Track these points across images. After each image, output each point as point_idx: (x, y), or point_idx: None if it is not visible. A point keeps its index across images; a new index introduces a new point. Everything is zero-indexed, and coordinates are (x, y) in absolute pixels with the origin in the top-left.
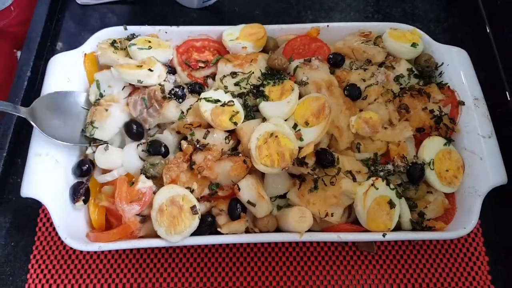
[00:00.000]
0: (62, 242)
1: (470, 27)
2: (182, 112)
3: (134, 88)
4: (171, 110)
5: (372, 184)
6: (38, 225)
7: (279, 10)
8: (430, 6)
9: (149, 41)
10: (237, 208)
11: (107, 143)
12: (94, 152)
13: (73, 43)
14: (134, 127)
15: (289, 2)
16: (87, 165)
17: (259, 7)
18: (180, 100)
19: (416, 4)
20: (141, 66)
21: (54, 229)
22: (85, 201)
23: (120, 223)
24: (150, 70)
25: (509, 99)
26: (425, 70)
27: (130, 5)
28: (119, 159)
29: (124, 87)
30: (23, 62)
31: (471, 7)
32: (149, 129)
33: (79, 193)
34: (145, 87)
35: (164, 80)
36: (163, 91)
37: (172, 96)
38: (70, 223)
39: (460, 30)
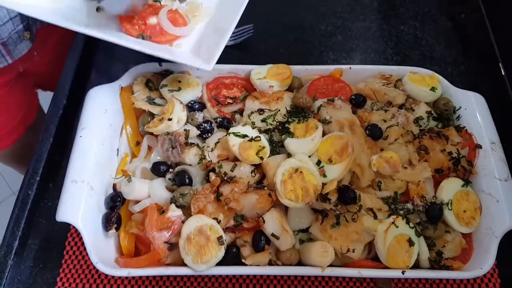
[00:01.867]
0: (88, 266)
1: (486, 70)
2: (202, 158)
3: None
4: (190, 157)
5: (393, 222)
6: (66, 248)
7: (302, 50)
8: (447, 49)
9: (179, 81)
10: (261, 241)
11: (129, 176)
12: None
13: (108, 77)
14: (161, 168)
15: (312, 43)
16: (119, 199)
17: (283, 46)
18: (209, 134)
19: (433, 48)
20: (162, 118)
21: (81, 253)
22: (117, 229)
23: (149, 250)
24: (169, 119)
25: None
26: (444, 113)
27: None
28: (143, 189)
29: None
30: (58, 92)
31: (487, 52)
32: (175, 164)
33: (111, 221)
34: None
35: (186, 123)
36: (186, 137)
37: (201, 131)
38: (101, 248)
39: (476, 73)
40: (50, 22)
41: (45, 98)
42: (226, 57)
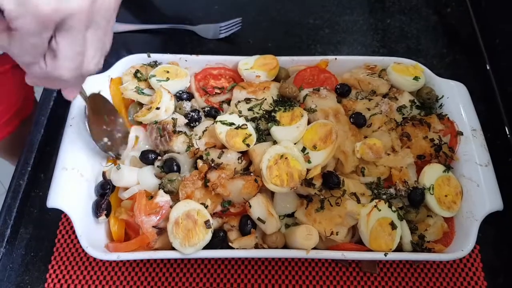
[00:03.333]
0: (79, 253)
1: (471, 64)
2: (190, 146)
3: None
4: (178, 145)
5: (375, 206)
6: (57, 237)
7: (290, 43)
8: (432, 42)
9: (168, 71)
10: (247, 225)
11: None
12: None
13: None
14: (150, 156)
15: (300, 36)
16: (108, 186)
17: (271, 40)
18: (196, 123)
19: (419, 41)
20: (150, 107)
21: (72, 241)
22: (107, 215)
23: (138, 235)
24: (157, 108)
25: (507, 131)
26: (426, 102)
27: (151, 34)
28: (132, 177)
29: None
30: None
31: (471, 45)
32: (163, 152)
33: (101, 208)
34: None
35: (174, 112)
36: (174, 125)
37: (189, 120)
38: (91, 234)
39: (461, 66)
40: None
41: (40, 90)
42: (215, 49)
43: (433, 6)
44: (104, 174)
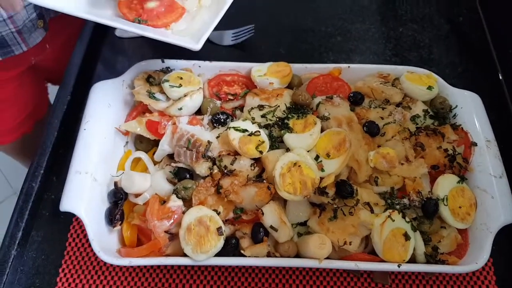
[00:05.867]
0: (90, 257)
1: (483, 73)
2: (211, 170)
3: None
4: (201, 170)
5: (389, 216)
6: (68, 240)
7: (303, 50)
8: (445, 51)
9: (181, 77)
10: (260, 232)
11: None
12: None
13: (112, 72)
14: (186, 175)
15: (312, 44)
16: (121, 195)
17: (283, 46)
18: (220, 126)
19: (432, 49)
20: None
21: (83, 245)
22: (121, 223)
23: (149, 241)
24: (185, 95)
25: None
26: (440, 112)
27: None
28: (143, 182)
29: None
30: (63, 87)
31: (484, 54)
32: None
33: (116, 218)
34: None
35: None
36: (206, 149)
37: (214, 122)
38: (103, 238)
39: (474, 75)
40: (45, 6)
41: (54, 92)
42: (228, 56)
43: (445, 15)
44: (115, 183)
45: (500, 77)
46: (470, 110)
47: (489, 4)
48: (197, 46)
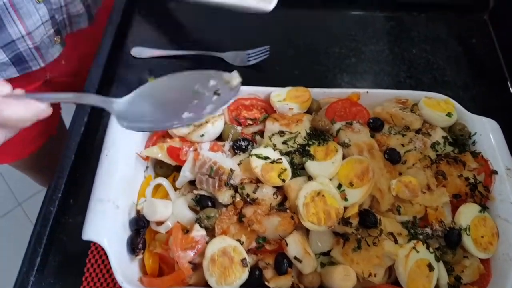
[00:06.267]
0: (108, 284)
1: (497, 95)
2: (233, 198)
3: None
4: (224, 198)
5: (414, 247)
6: (87, 265)
7: (317, 71)
8: (458, 73)
9: None
10: (284, 263)
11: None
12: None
13: (128, 92)
14: (208, 202)
15: (326, 65)
16: (143, 223)
17: (298, 68)
18: (241, 152)
19: (445, 71)
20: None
21: (101, 270)
22: (143, 252)
23: (171, 270)
24: (206, 122)
25: None
26: (459, 139)
27: (179, 60)
28: (165, 210)
29: None
30: (81, 108)
31: (497, 76)
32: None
33: (138, 247)
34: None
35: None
36: (229, 177)
37: (235, 148)
38: (125, 267)
39: (487, 97)
40: None
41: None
42: (244, 77)
43: (457, 36)
44: (138, 211)
45: None
46: (489, 138)
47: (501, 26)
48: (269, 6)
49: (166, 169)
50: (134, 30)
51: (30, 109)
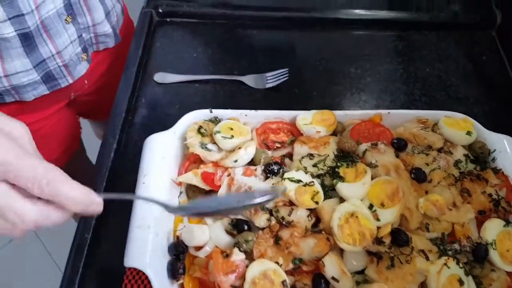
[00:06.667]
0: None
1: (508, 109)
2: (269, 222)
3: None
4: (260, 222)
5: (445, 264)
6: None
7: (335, 92)
8: (470, 90)
9: (232, 128)
10: (322, 284)
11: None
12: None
13: (151, 118)
14: (245, 226)
15: (343, 85)
16: (182, 248)
17: (316, 89)
18: (273, 176)
19: (458, 89)
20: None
21: None
22: (183, 277)
23: None
24: (239, 148)
25: None
26: (480, 156)
27: (202, 84)
28: (203, 235)
29: None
30: (109, 133)
31: (507, 90)
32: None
33: (179, 272)
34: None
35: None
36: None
37: (267, 172)
38: None
39: (499, 113)
40: None
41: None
42: (265, 98)
43: (468, 54)
44: (177, 237)
45: None
46: (507, 154)
47: (509, 41)
48: None
49: (198, 194)
50: (156, 56)
51: (85, 194)
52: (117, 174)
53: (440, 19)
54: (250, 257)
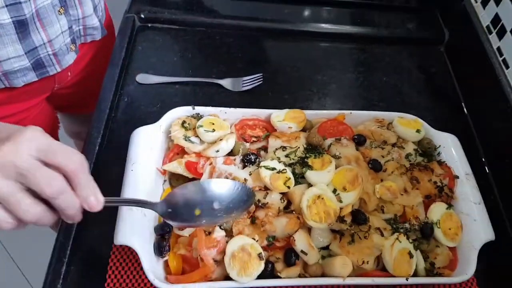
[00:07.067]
0: (133, 284)
1: (454, 115)
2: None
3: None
4: None
5: (397, 238)
6: (108, 273)
7: (304, 95)
8: (421, 97)
9: (213, 123)
10: (292, 257)
11: None
12: None
13: (134, 116)
14: None
15: (312, 90)
16: (167, 227)
17: (288, 93)
18: (251, 164)
19: (411, 95)
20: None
21: (122, 276)
22: (169, 254)
23: (194, 268)
24: (220, 139)
25: (489, 174)
26: (427, 151)
27: (182, 86)
28: None
29: None
30: (93, 129)
31: (453, 98)
32: None
33: (165, 250)
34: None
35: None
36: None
37: (246, 161)
38: (153, 269)
39: (447, 118)
40: None
41: None
42: (242, 100)
43: (420, 66)
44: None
45: (469, 121)
46: (450, 149)
47: (455, 56)
48: None
49: (182, 181)
50: (138, 58)
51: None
52: (102, 167)
53: (397, 35)
54: (229, 234)
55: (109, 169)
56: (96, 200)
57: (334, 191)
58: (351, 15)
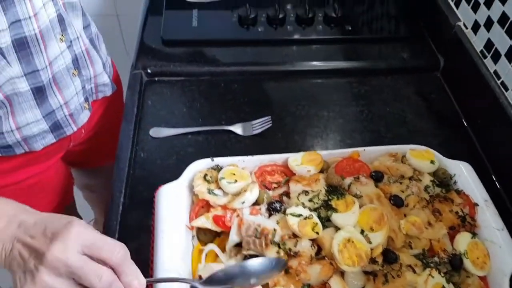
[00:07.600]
0: None
1: (460, 139)
2: (278, 254)
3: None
4: (270, 255)
5: (430, 274)
6: None
7: (313, 133)
8: (425, 124)
9: (234, 173)
10: None
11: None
12: None
13: (152, 171)
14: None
15: (320, 127)
16: None
17: (297, 133)
18: (276, 213)
19: (415, 123)
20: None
21: None
22: None
23: None
24: (244, 191)
25: (506, 200)
26: (443, 181)
27: (194, 136)
28: None
29: None
30: (115, 189)
31: (457, 123)
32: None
33: None
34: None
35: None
36: (273, 236)
37: (271, 210)
38: None
39: (453, 143)
40: None
41: None
42: (253, 144)
43: (419, 93)
44: (200, 276)
45: (476, 143)
46: (465, 177)
47: (452, 81)
48: None
49: (209, 236)
50: (149, 113)
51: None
52: (129, 227)
53: (392, 66)
54: (265, 287)
55: (135, 230)
56: (139, 284)
57: (362, 232)
58: (345, 51)
